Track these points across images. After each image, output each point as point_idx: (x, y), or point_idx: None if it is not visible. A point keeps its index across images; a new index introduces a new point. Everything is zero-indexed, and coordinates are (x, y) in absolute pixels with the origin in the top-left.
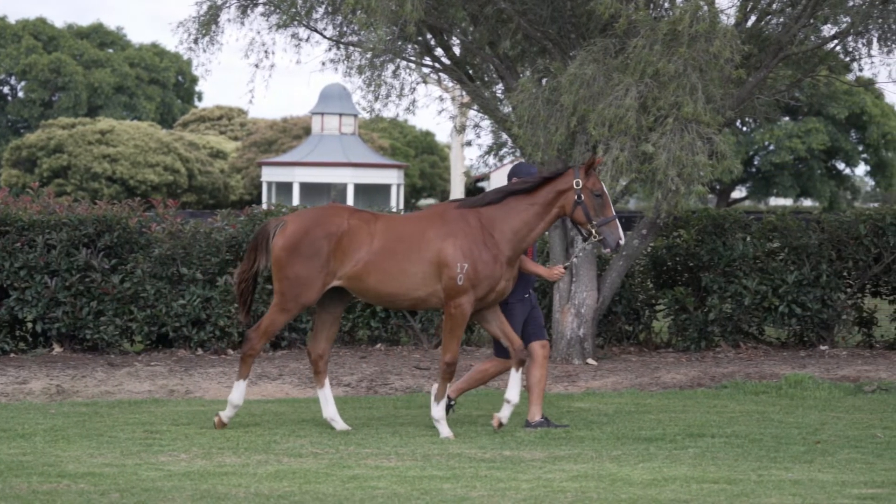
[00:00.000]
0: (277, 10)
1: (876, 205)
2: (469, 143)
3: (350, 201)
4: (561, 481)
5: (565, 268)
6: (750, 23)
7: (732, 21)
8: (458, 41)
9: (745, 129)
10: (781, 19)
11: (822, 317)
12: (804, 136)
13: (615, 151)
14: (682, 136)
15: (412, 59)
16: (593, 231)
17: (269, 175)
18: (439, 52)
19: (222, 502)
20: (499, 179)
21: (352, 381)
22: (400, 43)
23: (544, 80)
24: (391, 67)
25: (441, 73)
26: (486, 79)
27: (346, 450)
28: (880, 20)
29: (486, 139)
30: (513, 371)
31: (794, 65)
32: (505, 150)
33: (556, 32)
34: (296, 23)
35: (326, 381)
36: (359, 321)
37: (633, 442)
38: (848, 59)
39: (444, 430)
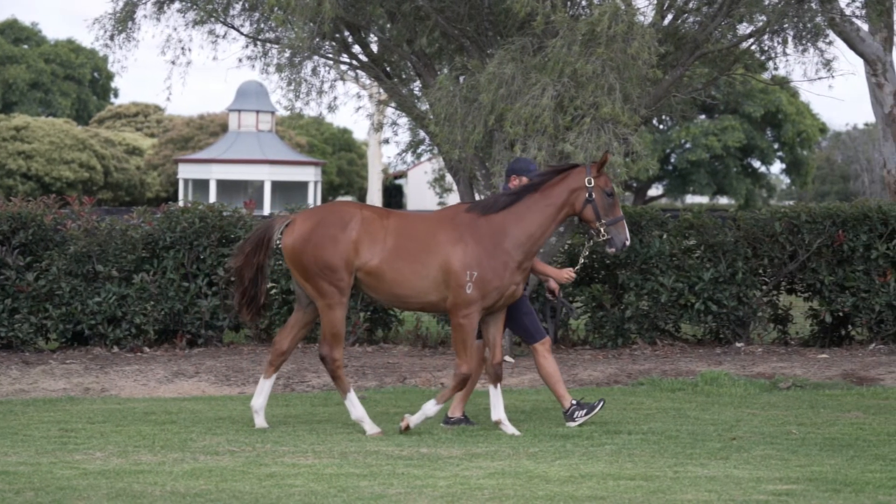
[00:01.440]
0: (194, 7)
1: (791, 203)
2: (387, 141)
3: (267, 199)
4: (478, 478)
5: (575, 270)
6: (667, 21)
7: (650, 20)
8: (375, 38)
9: (661, 126)
10: (698, 18)
11: (738, 314)
12: (720, 133)
13: (533, 151)
14: (599, 135)
15: (330, 56)
16: (602, 230)
17: (185, 172)
18: (357, 49)
19: (138, 501)
20: (416, 177)
21: None
22: (317, 40)
23: (462, 78)
24: (310, 65)
25: (359, 71)
26: (404, 76)
27: (262, 448)
28: (795, 19)
29: (404, 137)
30: (492, 388)
31: (710, 63)
32: (422, 147)
33: (474, 30)
34: (213, 19)
35: (273, 376)
36: (276, 319)
37: (550, 439)
38: (764, 57)
39: (416, 420)
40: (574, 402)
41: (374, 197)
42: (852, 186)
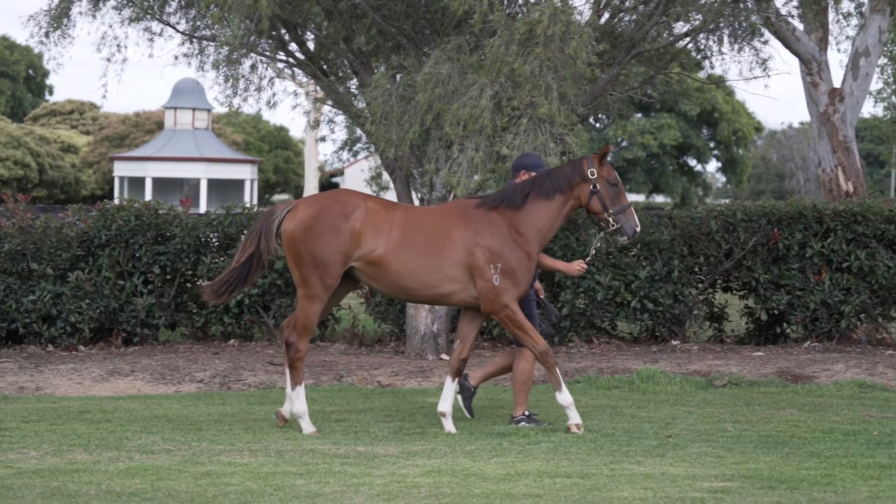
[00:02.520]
0: (130, 4)
1: (727, 201)
2: (323, 139)
3: (203, 197)
4: (415, 476)
5: (586, 262)
6: (603, 20)
7: (587, 18)
8: (312, 36)
9: (597, 125)
10: (634, 17)
11: (674, 312)
12: (656, 132)
13: (470, 151)
14: (536, 136)
15: (267, 54)
16: (610, 220)
17: (121, 170)
18: (294, 47)
19: (73, 500)
20: (353, 175)
21: (205, 377)
22: (254, 38)
23: (398, 77)
24: (248, 62)
25: (296, 69)
26: (341, 74)
27: (198, 446)
28: (731, 18)
29: (341, 134)
30: (448, 379)
31: (646, 62)
32: (359, 145)
33: (411, 28)
34: (148, 17)
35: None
36: (212, 317)
37: (486, 437)
38: (700, 56)
39: (575, 417)
40: (527, 413)
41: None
42: (787, 185)
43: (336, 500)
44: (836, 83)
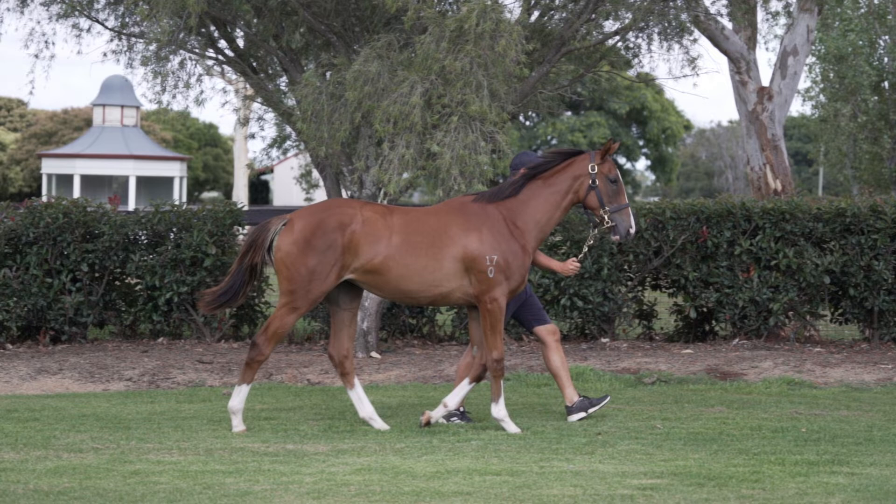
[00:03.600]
0: (58, 0)
1: (656, 199)
2: (253, 136)
3: (132, 194)
4: (344, 474)
5: (579, 261)
6: (533, 18)
7: (517, 16)
8: (241, 33)
9: (527, 123)
10: (564, 15)
11: (604, 310)
12: (586, 130)
13: (401, 149)
14: (466, 134)
15: (196, 51)
16: (605, 217)
17: (49, 167)
18: (223, 44)
19: (0, 499)
20: (283, 173)
21: (133, 376)
22: (183, 35)
23: (328, 75)
24: (176, 59)
25: (225, 66)
26: (271, 71)
27: (127, 445)
28: (661, 16)
29: (270, 132)
30: (465, 381)
31: (576, 60)
32: (289, 143)
33: (341, 26)
34: (77, 13)
35: (356, 381)
36: (140, 315)
37: (416, 435)
38: (629, 54)
39: (511, 427)
40: (580, 396)
41: (240, 193)
42: (716, 183)
43: (265, 498)
44: (765, 82)
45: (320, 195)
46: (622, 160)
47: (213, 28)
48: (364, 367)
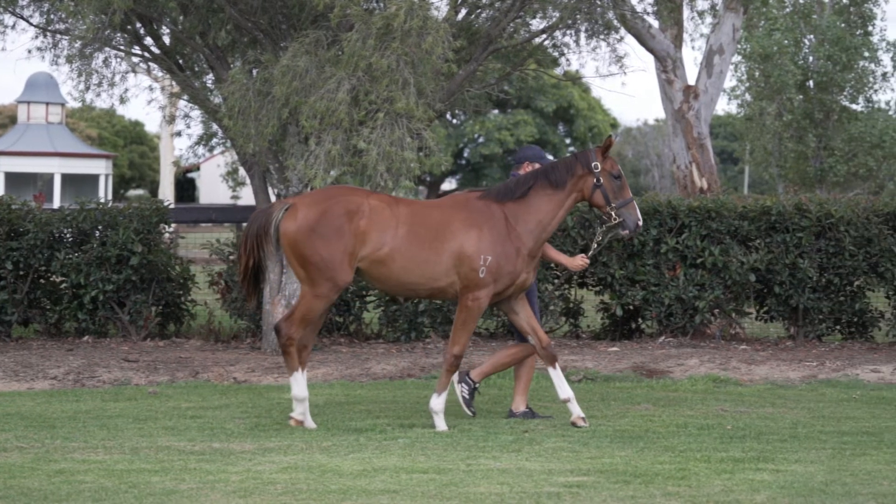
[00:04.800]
0: None
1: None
2: (179, 134)
3: (57, 192)
4: (271, 473)
5: (588, 256)
6: (461, 16)
7: (444, 14)
8: (168, 31)
9: (454, 121)
10: (491, 13)
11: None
12: (513, 128)
13: (327, 145)
14: (393, 130)
15: (121, 48)
16: (613, 214)
17: None
18: (149, 41)
19: None
20: (209, 170)
21: (58, 374)
22: (108, 32)
23: (255, 72)
24: (101, 56)
25: (151, 63)
26: (197, 69)
27: (52, 444)
28: (588, 14)
29: (197, 130)
30: (551, 370)
31: (503, 58)
32: (215, 140)
33: (268, 23)
34: (1, 9)
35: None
36: (66, 313)
37: (343, 433)
38: (556, 53)
39: (441, 424)
40: (528, 409)
41: (167, 191)
42: (643, 181)
43: (191, 497)
44: (691, 80)
45: (247, 193)
46: (549, 158)
47: (138, 25)
48: None
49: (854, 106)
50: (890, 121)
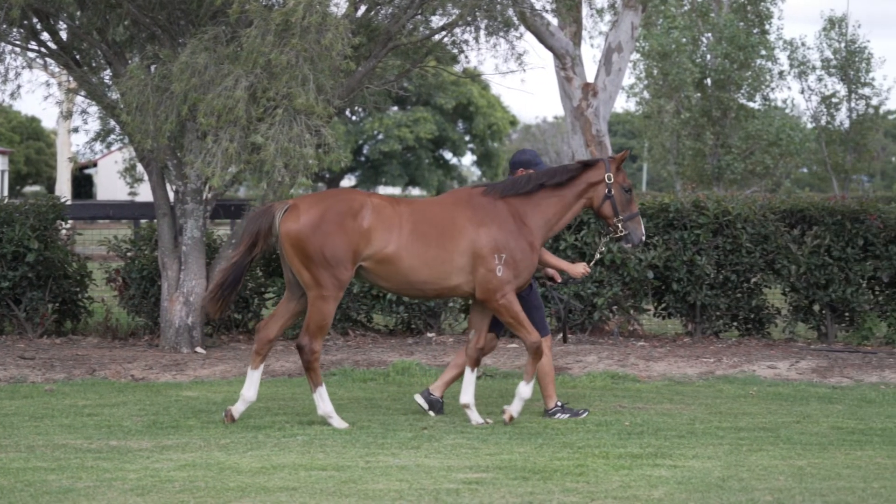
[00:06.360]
0: None
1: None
2: (76, 130)
3: None
4: (169, 470)
5: (591, 265)
6: (360, 13)
7: (343, 11)
8: (65, 26)
9: (354, 118)
10: (391, 10)
11: (430, 305)
12: (412, 125)
13: (225, 142)
14: (291, 127)
15: (17, 43)
16: (619, 227)
17: None
18: (46, 36)
19: None
20: (107, 167)
21: None
22: (4, 27)
23: (154, 68)
24: None
25: (48, 59)
26: (94, 64)
27: None
28: (487, 12)
29: (94, 125)
30: (468, 370)
31: (403, 55)
32: (113, 136)
33: (166, 19)
34: None
35: (262, 366)
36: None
37: (241, 430)
38: (456, 50)
39: (517, 409)
40: (559, 403)
41: (64, 187)
42: None
43: (89, 495)
44: (590, 78)
45: (145, 189)
46: (448, 155)
47: (35, 20)
48: (189, 363)
49: (751, 104)
50: (786, 119)
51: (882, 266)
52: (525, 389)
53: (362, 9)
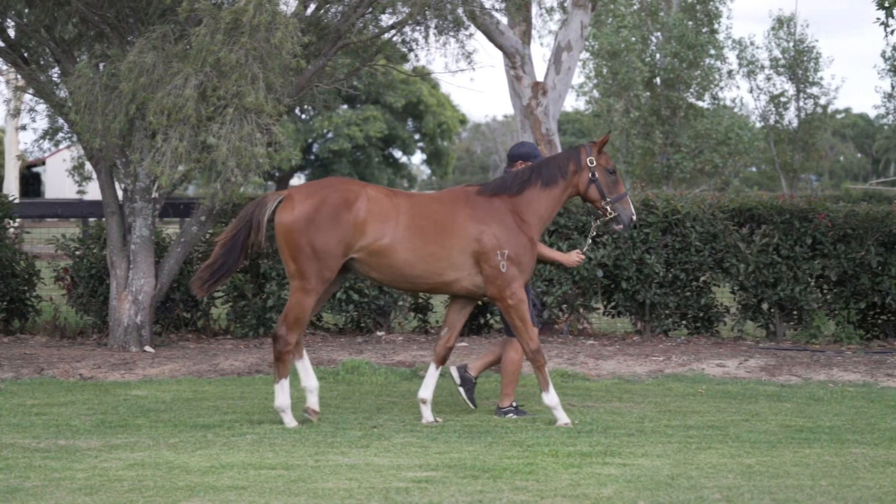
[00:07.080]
0: None
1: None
2: (24, 128)
3: None
4: (117, 470)
5: (583, 252)
6: (310, 11)
7: (293, 9)
8: (12, 23)
9: (304, 116)
10: (341, 8)
11: (379, 303)
12: (362, 124)
13: (174, 141)
14: (242, 126)
15: None
16: (608, 209)
17: None
18: None
19: None
20: (55, 165)
21: None
22: None
23: (102, 66)
24: None
25: None
26: (42, 62)
27: None
28: (437, 10)
29: (42, 123)
30: (432, 366)
31: (352, 53)
32: (61, 134)
33: (115, 17)
34: None
35: (305, 355)
36: None
37: (190, 429)
38: (405, 48)
39: (563, 417)
40: (514, 405)
41: (11, 185)
42: (492, 177)
43: (36, 495)
44: (540, 77)
45: (94, 188)
46: (398, 153)
47: None
48: (137, 362)
49: (700, 103)
50: (735, 118)
51: (830, 265)
52: (549, 398)
53: (312, 7)
